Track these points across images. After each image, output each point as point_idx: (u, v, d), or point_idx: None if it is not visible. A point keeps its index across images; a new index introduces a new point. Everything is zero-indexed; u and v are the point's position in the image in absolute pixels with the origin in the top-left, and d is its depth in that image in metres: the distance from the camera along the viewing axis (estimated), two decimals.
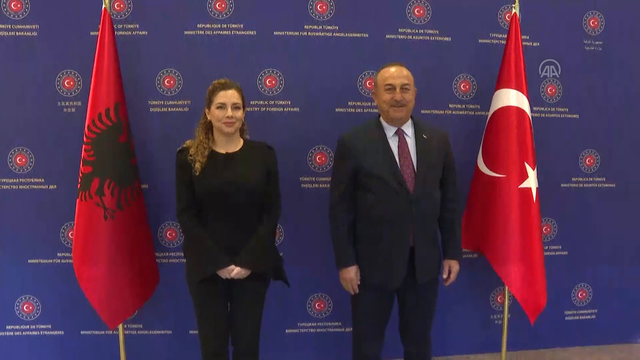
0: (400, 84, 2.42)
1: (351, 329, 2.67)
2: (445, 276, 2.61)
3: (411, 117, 2.53)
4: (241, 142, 2.50)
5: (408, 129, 2.50)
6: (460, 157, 3.20)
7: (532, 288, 2.99)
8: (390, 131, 2.48)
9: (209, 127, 2.46)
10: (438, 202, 2.51)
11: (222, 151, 2.44)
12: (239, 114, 2.40)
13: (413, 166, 2.43)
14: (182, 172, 2.43)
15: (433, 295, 2.59)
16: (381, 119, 2.54)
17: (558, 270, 3.46)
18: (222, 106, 2.36)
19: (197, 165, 2.37)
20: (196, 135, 2.46)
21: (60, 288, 3.14)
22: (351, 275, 2.51)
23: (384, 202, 2.41)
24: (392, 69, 2.47)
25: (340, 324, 3.34)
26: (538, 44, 3.30)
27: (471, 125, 3.27)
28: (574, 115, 3.40)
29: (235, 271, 2.38)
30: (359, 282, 2.53)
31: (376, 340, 2.61)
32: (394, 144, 2.46)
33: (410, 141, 2.48)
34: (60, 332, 3.21)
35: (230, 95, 2.37)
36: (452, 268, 2.60)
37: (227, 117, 2.35)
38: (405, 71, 2.47)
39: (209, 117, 2.43)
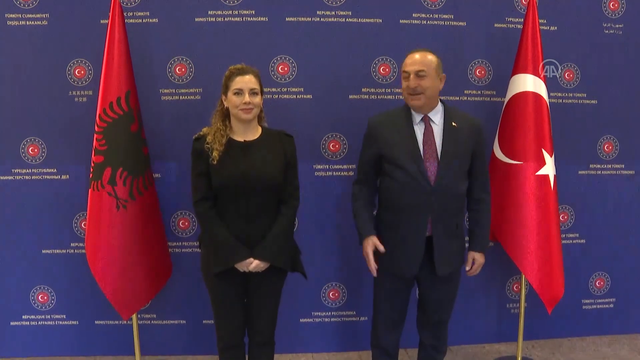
0: (414, 71, 2.33)
1: (365, 318, 2.66)
2: (468, 268, 2.55)
3: (443, 103, 2.45)
4: (259, 129, 2.42)
5: (436, 116, 2.41)
6: None
7: (549, 277, 2.94)
8: (417, 118, 2.41)
9: (225, 115, 2.38)
10: (462, 194, 2.43)
11: (240, 139, 2.36)
12: (257, 100, 2.32)
13: (437, 155, 2.35)
14: (198, 161, 2.35)
15: (454, 287, 2.55)
16: None
17: (575, 259, 3.42)
18: (239, 92, 2.28)
19: (215, 153, 2.29)
20: (213, 122, 2.39)
21: (75, 278, 3.15)
22: (367, 246, 2.42)
23: (404, 190, 2.37)
24: (411, 56, 2.38)
25: (354, 313, 3.32)
26: (556, 28, 3.23)
27: (487, 111, 3.21)
28: (592, 101, 3.33)
29: (253, 264, 2.33)
30: (378, 262, 2.44)
31: (393, 328, 2.59)
32: (419, 132, 2.39)
33: (437, 129, 2.39)
34: (75, 322, 3.23)
35: (247, 81, 2.29)
36: (475, 260, 2.52)
37: (245, 103, 2.27)
38: (426, 57, 2.35)
39: (225, 104, 2.35)
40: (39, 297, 3.19)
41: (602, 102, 3.34)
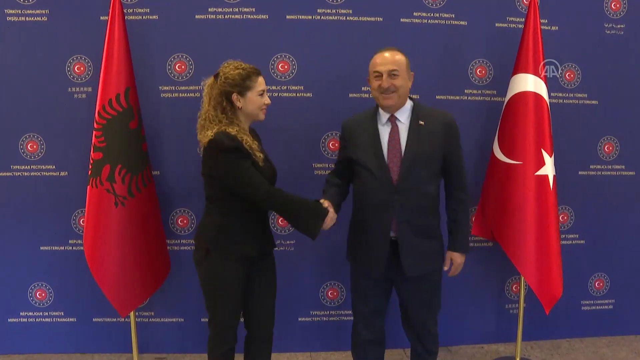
0: (387, 71, 2.30)
1: None
2: (445, 268, 2.49)
3: (412, 101, 2.43)
4: None
5: (403, 115, 2.38)
6: (476, 143, 3.18)
7: (547, 277, 2.93)
8: (384, 118, 2.39)
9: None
10: (432, 193, 2.37)
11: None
12: None
13: (401, 155, 2.33)
14: (244, 156, 2.20)
15: (432, 288, 2.48)
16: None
17: (575, 260, 3.40)
18: (263, 93, 2.28)
19: (259, 154, 2.25)
20: (237, 123, 2.26)
21: (73, 275, 3.14)
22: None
23: (369, 190, 2.37)
24: (381, 55, 2.35)
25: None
26: (557, 27, 3.22)
27: (487, 111, 3.21)
28: (593, 101, 3.32)
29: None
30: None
31: (370, 326, 2.57)
32: (385, 132, 2.37)
33: (404, 128, 2.36)
34: (73, 319, 3.22)
35: (264, 82, 2.30)
36: (454, 260, 2.47)
37: (266, 104, 2.30)
38: (395, 56, 2.32)
39: (238, 104, 2.25)
40: (37, 293, 3.18)
41: (603, 103, 3.32)
